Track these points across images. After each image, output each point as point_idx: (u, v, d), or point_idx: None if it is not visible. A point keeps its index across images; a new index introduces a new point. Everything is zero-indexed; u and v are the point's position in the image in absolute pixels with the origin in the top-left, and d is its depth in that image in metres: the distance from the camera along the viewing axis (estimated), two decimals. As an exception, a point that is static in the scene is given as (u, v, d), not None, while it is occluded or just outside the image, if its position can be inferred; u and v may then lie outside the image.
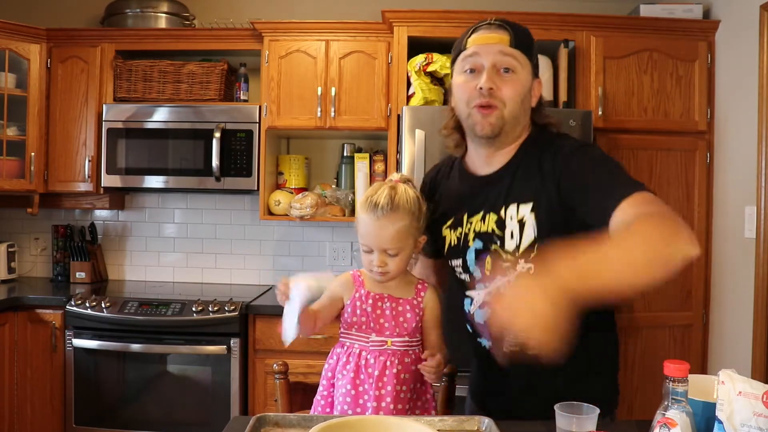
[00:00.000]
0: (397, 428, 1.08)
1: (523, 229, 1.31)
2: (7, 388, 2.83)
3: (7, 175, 3.10)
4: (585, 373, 1.34)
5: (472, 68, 1.36)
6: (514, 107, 1.35)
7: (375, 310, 1.38)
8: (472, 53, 1.37)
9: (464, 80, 1.38)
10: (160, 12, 3.20)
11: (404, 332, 1.38)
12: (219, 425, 1.47)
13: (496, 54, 1.34)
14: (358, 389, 1.35)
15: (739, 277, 2.70)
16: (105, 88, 3.15)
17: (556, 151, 1.31)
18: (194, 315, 2.77)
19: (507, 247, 1.32)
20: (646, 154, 2.90)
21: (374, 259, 1.36)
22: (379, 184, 1.41)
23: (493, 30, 1.36)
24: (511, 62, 1.34)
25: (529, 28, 1.41)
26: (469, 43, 1.38)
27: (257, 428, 1.17)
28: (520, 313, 0.97)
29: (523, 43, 1.36)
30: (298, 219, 3.04)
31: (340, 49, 3.00)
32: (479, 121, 1.35)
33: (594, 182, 1.23)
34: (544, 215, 1.29)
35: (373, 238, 1.35)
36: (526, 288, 1.01)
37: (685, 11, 2.91)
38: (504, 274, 1.32)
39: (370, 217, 1.35)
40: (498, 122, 1.34)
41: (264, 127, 3.04)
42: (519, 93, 1.35)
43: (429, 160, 2.58)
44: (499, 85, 1.33)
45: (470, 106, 1.36)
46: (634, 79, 2.89)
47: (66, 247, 3.40)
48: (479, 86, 1.33)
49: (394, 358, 1.36)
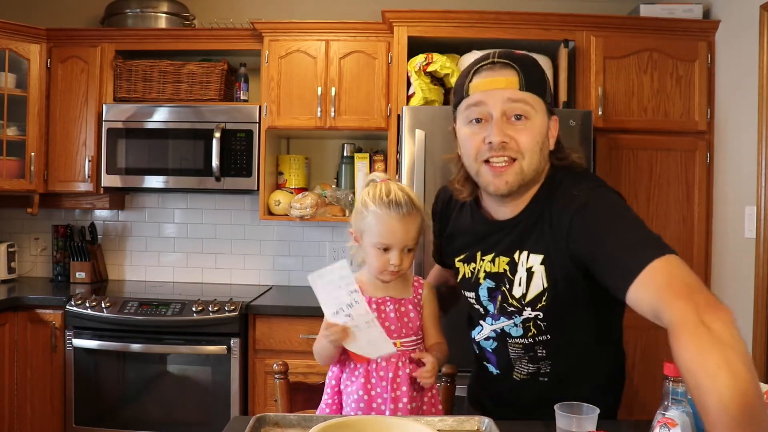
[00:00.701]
0: (397, 428, 1.08)
1: (531, 278, 1.25)
2: (7, 388, 2.83)
3: (7, 175, 3.10)
4: (592, 388, 1.33)
5: (479, 118, 1.23)
6: (532, 158, 1.22)
7: (380, 314, 1.36)
8: (476, 102, 1.23)
9: (470, 132, 1.25)
10: (160, 12, 3.20)
11: (410, 332, 1.38)
12: (219, 425, 1.47)
13: (504, 102, 1.20)
14: (370, 393, 1.33)
15: (739, 277, 2.70)
16: (105, 88, 3.15)
17: (567, 204, 1.20)
18: (194, 315, 2.76)
19: (515, 292, 1.28)
20: (646, 154, 2.90)
21: (393, 257, 1.32)
22: (374, 183, 1.38)
23: (497, 71, 1.22)
24: (522, 108, 1.21)
25: (529, 29, 1.35)
26: (471, 89, 1.24)
27: (257, 428, 1.17)
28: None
29: (533, 82, 1.22)
30: (298, 219, 3.04)
31: (340, 49, 3.00)
32: (492, 181, 1.23)
33: (606, 246, 1.11)
34: (557, 269, 1.22)
35: (398, 236, 1.32)
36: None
37: (685, 11, 2.91)
38: (509, 318, 1.30)
39: (393, 215, 1.31)
40: (516, 179, 1.22)
41: (264, 127, 3.04)
42: (536, 141, 1.22)
43: (429, 160, 2.58)
44: (512, 135, 1.20)
45: (479, 161, 1.24)
46: (634, 79, 2.89)
47: (66, 247, 3.40)
48: (488, 140, 1.20)
49: (404, 358, 1.35)
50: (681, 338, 0.93)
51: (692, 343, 0.92)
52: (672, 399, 0.97)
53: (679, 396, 0.97)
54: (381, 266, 1.34)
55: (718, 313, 0.94)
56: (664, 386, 0.98)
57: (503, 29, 2.84)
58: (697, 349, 0.91)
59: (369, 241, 1.35)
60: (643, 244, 1.08)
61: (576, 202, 1.19)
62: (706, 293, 0.98)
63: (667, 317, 0.98)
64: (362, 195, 1.38)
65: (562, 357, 1.31)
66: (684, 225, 2.90)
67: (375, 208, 1.33)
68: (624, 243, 1.10)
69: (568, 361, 1.32)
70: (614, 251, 1.10)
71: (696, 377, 0.89)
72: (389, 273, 1.35)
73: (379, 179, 1.39)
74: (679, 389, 0.97)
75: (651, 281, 1.02)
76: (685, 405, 0.97)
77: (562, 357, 1.31)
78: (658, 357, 2.77)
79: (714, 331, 0.91)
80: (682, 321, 0.95)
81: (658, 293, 1.01)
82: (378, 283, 1.40)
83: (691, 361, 0.91)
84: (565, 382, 1.31)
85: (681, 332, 0.94)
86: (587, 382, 1.33)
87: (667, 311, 0.98)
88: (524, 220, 1.28)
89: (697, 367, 0.89)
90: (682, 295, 0.98)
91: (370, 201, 1.34)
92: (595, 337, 1.33)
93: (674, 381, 0.97)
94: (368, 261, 1.37)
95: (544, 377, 1.33)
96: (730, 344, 0.90)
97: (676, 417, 0.96)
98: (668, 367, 0.97)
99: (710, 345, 0.90)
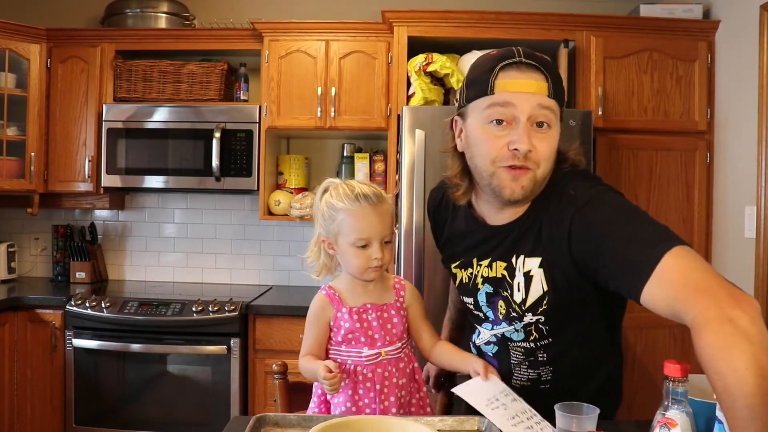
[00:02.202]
0: (397, 428, 1.07)
1: (530, 282, 1.22)
2: (7, 388, 2.83)
3: (7, 175, 3.10)
4: (592, 391, 1.32)
5: (501, 119, 1.17)
6: (546, 167, 1.19)
7: (362, 323, 1.34)
8: (503, 102, 1.16)
9: (491, 133, 1.18)
10: (160, 12, 3.20)
11: (394, 338, 1.36)
12: (219, 425, 1.47)
13: (534, 107, 1.15)
14: (357, 404, 1.32)
15: (739, 277, 2.70)
16: (105, 88, 3.15)
17: (565, 205, 1.18)
18: (194, 315, 2.76)
19: (515, 297, 1.25)
20: (646, 154, 2.90)
21: (374, 251, 1.30)
22: (333, 186, 1.35)
23: (526, 72, 1.16)
24: (547, 116, 1.16)
25: (529, 29, 1.32)
26: (498, 87, 1.16)
27: (257, 428, 1.17)
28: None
29: (558, 90, 1.18)
30: (298, 219, 3.04)
31: (340, 49, 3.00)
32: (508, 185, 1.18)
33: (613, 246, 1.08)
34: (557, 272, 1.19)
35: (374, 227, 1.29)
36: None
37: (685, 11, 2.91)
38: (510, 323, 1.29)
39: (365, 206, 1.29)
40: (530, 185, 1.18)
41: (264, 127, 3.04)
42: (554, 150, 1.19)
43: (429, 160, 2.58)
44: (535, 144, 1.16)
45: (496, 165, 1.18)
46: (634, 79, 2.89)
47: (66, 247, 3.40)
48: (514, 147, 1.15)
49: (390, 367, 1.34)
50: (705, 337, 0.90)
51: (717, 342, 0.88)
52: (672, 399, 0.97)
53: (679, 396, 0.96)
54: (363, 264, 1.31)
55: (743, 305, 0.91)
56: (664, 386, 0.98)
57: (503, 29, 2.84)
58: (723, 348, 0.88)
59: (345, 242, 1.32)
60: (651, 238, 1.04)
61: (575, 203, 1.16)
62: (726, 284, 0.95)
63: (689, 317, 0.94)
64: (324, 200, 1.34)
65: (563, 361, 1.30)
66: (684, 225, 2.90)
67: (345, 205, 1.30)
68: (630, 240, 1.06)
69: (569, 365, 1.30)
70: (621, 250, 1.06)
71: (723, 378, 0.86)
72: (372, 270, 1.32)
73: (335, 183, 1.36)
74: (679, 389, 0.97)
75: (665, 280, 0.98)
76: (685, 405, 0.97)
77: (563, 361, 1.30)
78: (658, 357, 2.77)
79: (740, 327, 0.88)
80: (705, 319, 0.91)
81: (676, 292, 0.97)
82: (357, 289, 1.37)
83: (716, 360, 0.88)
84: (566, 388, 1.29)
85: (705, 331, 0.91)
86: (587, 385, 1.32)
87: (688, 310, 0.94)
88: (520, 224, 1.25)
89: (724, 368, 0.86)
90: (701, 291, 0.94)
91: (337, 202, 1.31)
92: (596, 340, 1.32)
93: (674, 381, 0.96)
94: (347, 263, 1.34)
95: (545, 384, 1.31)
96: (757, 341, 0.87)
97: (676, 417, 0.96)
98: (668, 367, 0.97)
99: (737, 343, 0.87)
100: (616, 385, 1.41)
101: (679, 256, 1.00)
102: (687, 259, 1.00)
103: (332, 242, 1.36)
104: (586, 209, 1.14)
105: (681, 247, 1.01)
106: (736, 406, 0.85)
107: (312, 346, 1.37)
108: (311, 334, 1.38)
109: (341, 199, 1.31)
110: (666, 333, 2.84)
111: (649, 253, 1.01)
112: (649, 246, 1.02)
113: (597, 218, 1.12)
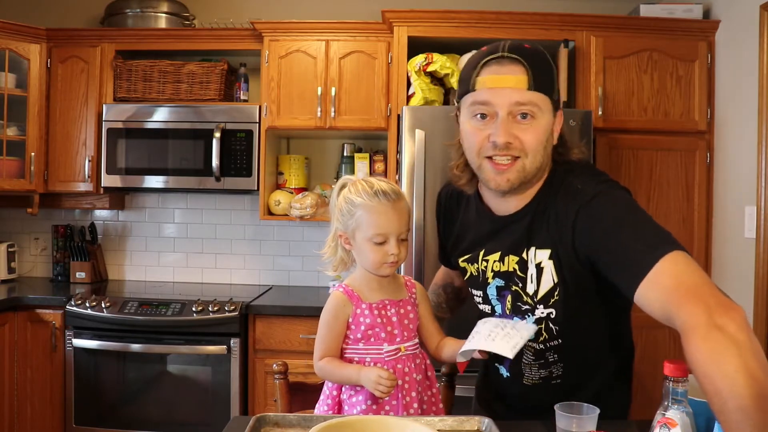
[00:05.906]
0: (397, 428, 1.07)
1: (541, 274, 1.24)
2: (7, 388, 2.83)
3: (7, 175, 3.10)
4: (604, 388, 1.33)
5: (484, 113, 1.20)
6: (535, 157, 1.20)
7: (382, 318, 1.34)
8: (482, 100, 1.19)
9: (474, 127, 1.22)
10: (160, 12, 3.20)
11: (411, 334, 1.37)
12: (219, 425, 1.46)
13: (511, 104, 1.17)
14: (377, 401, 1.31)
15: (739, 277, 2.70)
16: (105, 88, 3.15)
17: (572, 199, 1.19)
18: (194, 315, 2.76)
19: (528, 290, 1.26)
20: (646, 154, 2.90)
21: (391, 247, 1.31)
22: (351, 182, 1.37)
23: (506, 66, 1.18)
24: (529, 109, 1.18)
25: (529, 29, 1.33)
26: (478, 84, 1.20)
27: (257, 428, 1.17)
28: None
29: (541, 81, 1.19)
30: (298, 219, 3.04)
31: (340, 49, 3.00)
32: (493, 178, 1.22)
33: (613, 243, 1.10)
34: (565, 264, 1.21)
35: (392, 223, 1.31)
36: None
37: (685, 11, 2.91)
38: (523, 317, 1.29)
39: (384, 203, 1.30)
40: (518, 176, 1.21)
41: (264, 127, 3.04)
42: (540, 140, 1.20)
43: (429, 160, 2.58)
44: (517, 134, 1.18)
45: (481, 156, 1.22)
46: (634, 79, 2.89)
47: (66, 247, 3.40)
48: (493, 139, 1.19)
49: (410, 363, 1.34)
50: (695, 342, 0.92)
51: (707, 347, 0.90)
52: (672, 399, 0.97)
53: (679, 396, 0.97)
54: (380, 259, 1.32)
55: (731, 313, 0.92)
56: (664, 386, 0.98)
57: (503, 29, 2.83)
58: (713, 352, 0.89)
59: (363, 237, 1.32)
60: (651, 241, 1.06)
61: (581, 197, 1.18)
62: (717, 293, 0.97)
63: (678, 321, 0.96)
64: (343, 196, 1.36)
65: (574, 360, 1.30)
66: (684, 225, 2.90)
67: (363, 201, 1.32)
68: (631, 240, 1.08)
69: (579, 363, 1.31)
70: (621, 248, 1.08)
71: (714, 382, 0.88)
72: (388, 265, 1.32)
73: (352, 179, 1.38)
74: (679, 389, 0.97)
75: (659, 282, 1.01)
76: (685, 405, 0.97)
77: (573, 360, 1.30)
78: (658, 357, 2.77)
79: (728, 333, 0.90)
80: (695, 324, 0.93)
81: (668, 295, 0.99)
82: (373, 285, 1.37)
83: (706, 365, 0.89)
84: (578, 383, 1.31)
85: (694, 336, 0.92)
86: (599, 382, 1.32)
87: (678, 315, 0.96)
88: (528, 215, 1.26)
89: (714, 371, 0.88)
90: (692, 297, 0.96)
91: (356, 197, 1.33)
92: (606, 336, 1.32)
93: (674, 381, 0.97)
94: (364, 258, 1.35)
95: (557, 379, 1.32)
96: (746, 346, 0.89)
97: (676, 417, 0.96)
98: (668, 367, 0.97)
99: (726, 348, 0.89)
100: (626, 381, 1.42)
101: (675, 261, 1.02)
102: (683, 264, 1.02)
103: (350, 237, 1.36)
104: (592, 203, 1.16)
105: (679, 252, 1.03)
106: (727, 408, 0.86)
107: (331, 346, 1.35)
108: (330, 333, 1.35)
109: (360, 195, 1.32)
110: (666, 333, 2.84)
111: (648, 254, 1.03)
112: (649, 247, 1.05)
113: (602, 214, 1.14)
